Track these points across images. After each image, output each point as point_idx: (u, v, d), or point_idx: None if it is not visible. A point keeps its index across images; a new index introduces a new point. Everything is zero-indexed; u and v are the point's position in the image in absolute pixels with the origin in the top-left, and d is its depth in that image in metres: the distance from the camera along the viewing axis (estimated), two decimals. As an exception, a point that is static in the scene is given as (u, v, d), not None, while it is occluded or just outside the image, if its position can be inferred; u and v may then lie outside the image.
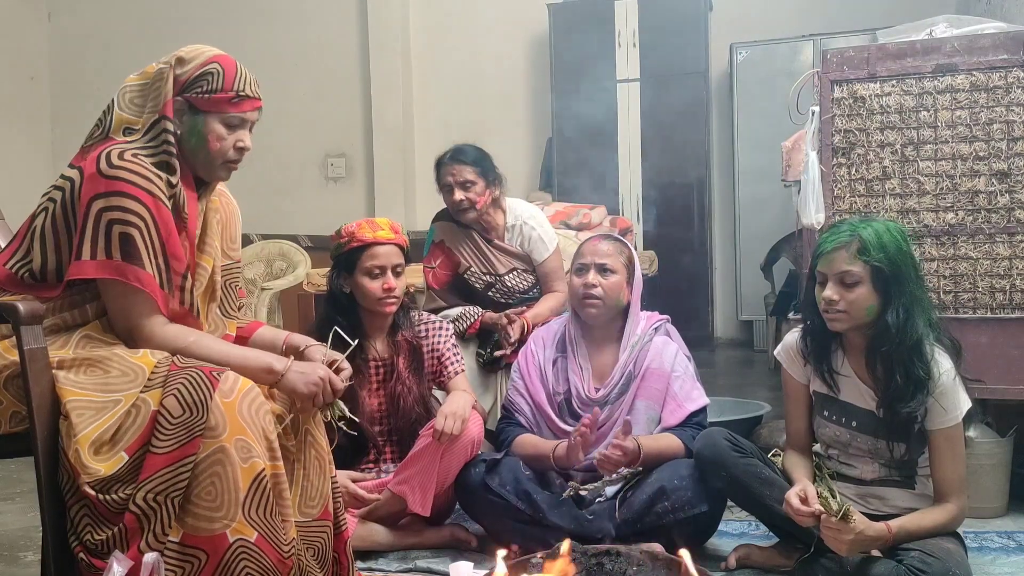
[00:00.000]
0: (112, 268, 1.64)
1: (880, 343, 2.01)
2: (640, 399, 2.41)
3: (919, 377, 1.98)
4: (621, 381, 2.44)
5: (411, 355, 2.55)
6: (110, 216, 1.63)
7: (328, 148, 6.79)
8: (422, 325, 2.62)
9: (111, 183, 1.64)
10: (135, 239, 1.64)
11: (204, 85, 1.74)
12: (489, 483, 2.31)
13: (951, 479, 2.01)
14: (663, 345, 2.47)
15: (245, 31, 6.68)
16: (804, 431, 2.22)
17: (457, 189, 2.98)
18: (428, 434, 2.35)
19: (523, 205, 3.21)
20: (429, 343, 2.60)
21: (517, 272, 3.10)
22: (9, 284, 1.71)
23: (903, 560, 1.91)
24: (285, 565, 1.63)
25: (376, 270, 2.45)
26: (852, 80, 2.66)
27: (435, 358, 2.59)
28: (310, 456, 1.80)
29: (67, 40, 7.18)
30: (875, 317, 2.01)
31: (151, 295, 1.67)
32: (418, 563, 2.32)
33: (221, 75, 1.75)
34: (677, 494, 2.21)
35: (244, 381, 1.64)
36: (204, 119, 1.76)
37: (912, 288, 1.99)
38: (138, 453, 1.56)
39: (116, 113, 1.76)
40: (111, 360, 1.62)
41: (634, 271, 2.49)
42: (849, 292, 1.99)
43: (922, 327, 1.99)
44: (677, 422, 2.37)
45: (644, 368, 2.43)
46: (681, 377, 2.43)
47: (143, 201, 1.65)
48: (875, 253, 1.97)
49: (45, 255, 1.70)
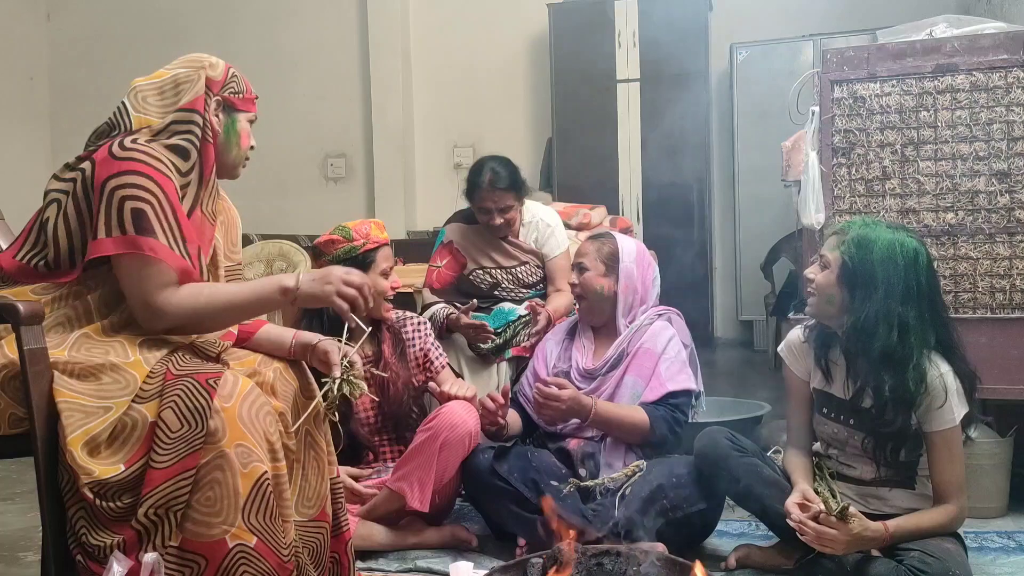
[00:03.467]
0: (126, 242, 1.64)
1: (847, 343, 2.05)
2: (629, 375, 2.51)
3: (887, 394, 1.98)
4: (615, 357, 2.53)
5: (395, 343, 2.65)
6: (122, 193, 1.65)
7: (328, 148, 6.79)
8: (403, 320, 2.72)
9: (123, 163, 1.66)
10: (147, 213, 1.65)
11: (235, 86, 1.86)
12: (497, 468, 2.35)
13: (949, 481, 2.01)
14: (660, 329, 2.56)
15: (245, 31, 6.68)
16: (805, 429, 2.23)
17: (497, 214, 3.05)
18: (426, 429, 2.36)
19: (540, 207, 3.28)
20: (411, 336, 2.70)
21: (528, 266, 3.15)
22: (21, 275, 1.72)
23: (903, 560, 1.91)
24: (285, 569, 1.62)
25: (389, 270, 2.59)
26: (852, 80, 2.66)
27: (421, 351, 2.69)
28: (309, 457, 1.81)
29: (67, 40, 7.17)
30: (837, 310, 2.05)
31: (167, 263, 1.66)
32: (418, 563, 2.32)
33: (240, 78, 1.89)
34: (676, 491, 2.24)
35: (244, 383, 1.63)
36: (236, 118, 1.86)
37: (892, 304, 1.97)
38: (137, 466, 1.55)
39: (134, 116, 1.78)
40: (104, 368, 1.62)
41: (618, 263, 2.58)
42: (820, 274, 2.08)
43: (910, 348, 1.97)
44: (655, 398, 2.46)
45: (637, 347, 2.52)
46: (670, 359, 2.50)
47: (155, 178, 1.67)
48: (849, 248, 2.02)
49: (58, 244, 1.71)
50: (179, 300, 1.68)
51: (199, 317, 1.70)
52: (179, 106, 1.77)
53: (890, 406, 1.99)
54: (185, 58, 1.84)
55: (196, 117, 1.77)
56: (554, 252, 3.15)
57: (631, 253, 2.62)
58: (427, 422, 2.39)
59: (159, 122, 1.76)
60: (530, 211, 3.17)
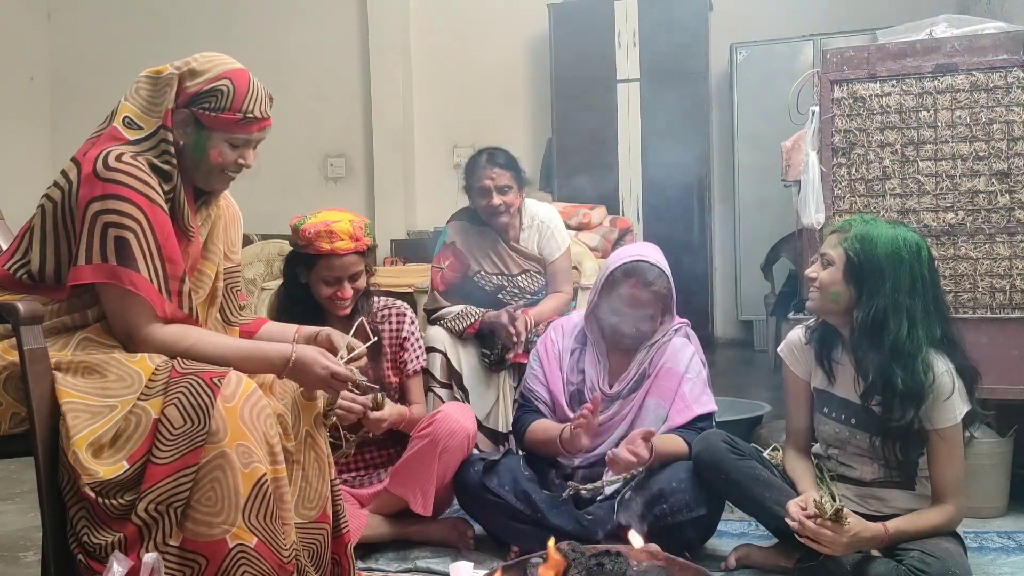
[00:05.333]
0: (107, 272, 1.63)
1: (857, 339, 2.04)
2: (651, 397, 2.41)
3: (900, 387, 1.98)
4: (635, 378, 2.43)
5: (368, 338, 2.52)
6: (105, 219, 1.63)
7: (328, 148, 6.79)
8: (385, 310, 2.57)
9: (107, 186, 1.63)
10: (130, 242, 1.63)
11: (212, 102, 1.71)
12: (487, 483, 2.32)
13: (948, 481, 2.01)
14: (681, 346, 2.46)
15: (245, 31, 6.68)
16: (805, 429, 2.23)
17: (496, 193, 2.98)
18: (422, 435, 2.35)
19: (539, 206, 3.21)
20: (391, 328, 2.56)
21: (530, 274, 3.09)
22: (8, 284, 1.71)
23: (903, 560, 1.91)
24: (285, 570, 1.63)
25: (332, 279, 2.38)
26: (852, 80, 2.66)
27: (396, 344, 2.55)
28: (309, 458, 1.80)
29: (67, 40, 7.18)
30: (843, 307, 2.05)
31: (146, 299, 1.65)
32: (418, 563, 2.32)
33: (231, 94, 1.72)
34: (676, 496, 2.22)
35: (247, 384, 1.63)
36: (209, 135, 1.74)
37: (900, 297, 1.98)
38: (139, 462, 1.55)
39: (122, 102, 1.74)
40: (109, 364, 1.62)
41: (671, 296, 2.42)
42: (823, 272, 2.07)
43: (918, 341, 1.98)
44: (683, 421, 2.37)
45: (659, 367, 2.42)
46: (693, 379, 2.42)
47: (139, 204, 1.64)
48: (854, 243, 2.01)
49: (44, 256, 1.70)
50: (162, 339, 1.68)
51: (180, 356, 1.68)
52: (156, 114, 1.71)
53: (899, 401, 1.99)
54: (201, 55, 1.76)
55: (168, 135, 1.71)
56: (554, 255, 3.09)
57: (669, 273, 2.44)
58: (422, 428, 2.37)
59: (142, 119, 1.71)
60: (529, 213, 3.12)
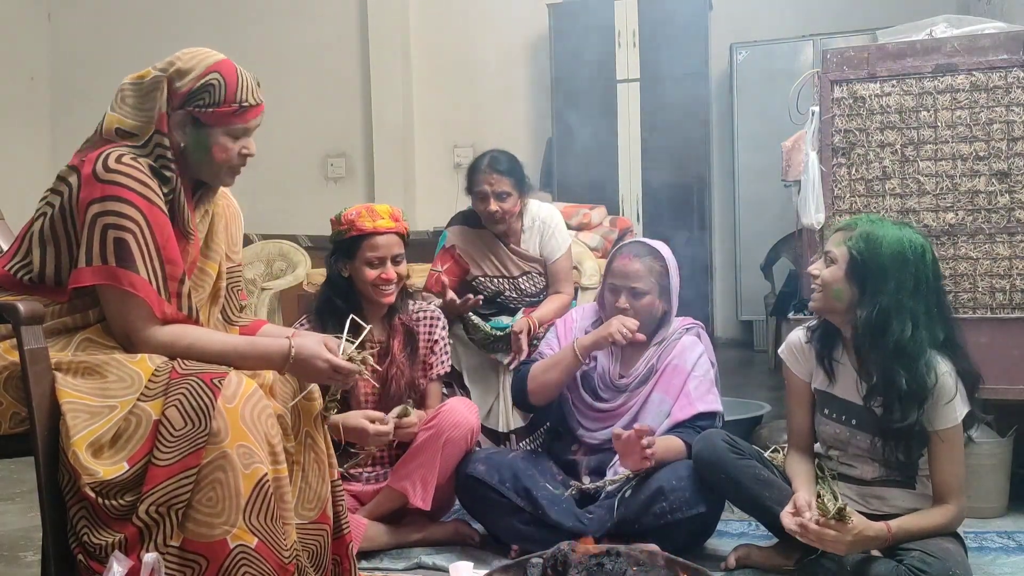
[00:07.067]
0: (106, 273, 1.64)
1: (859, 339, 2.04)
2: (657, 392, 2.45)
3: (903, 388, 1.98)
4: (643, 372, 2.48)
5: (406, 339, 2.55)
6: (105, 221, 1.63)
7: (328, 148, 6.79)
8: (420, 313, 2.62)
9: (107, 187, 1.63)
10: (129, 244, 1.63)
11: (206, 98, 1.71)
12: (488, 480, 2.33)
13: (949, 481, 2.01)
14: (691, 344, 2.49)
15: (245, 31, 6.67)
16: (806, 430, 2.23)
17: (493, 200, 2.96)
18: (427, 428, 2.36)
19: (540, 206, 3.19)
20: (426, 331, 2.59)
21: (530, 276, 3.08)
22: (9, 285, 1.71)
23: (903, 560, 1.91)
24: (286, 570, 1.63)
25: (376, 260, 2.44)
26: (852, 80, 2.66)
27: (429, 347, 2.58)
28: (309, 459, 1.80)
29: (67, 40, 7.17)
30: (846, 306, 2.04)
31: (145, 300, 1.66)
32: (422, 559, 2.32)
33: (222, 87, 1.72)
34: (675, 495, 2.22)
35: (247, 384, 1.63)
36: (208, 132, 1.74)
37: (903, 298, 1.98)
38: (140, 464, 1.55)
39: (108, 115, 1.73)
40: (109, 365, 1.62)
41: (669, 280, 2.48)
42: (826, 270, 2.07)
43: (920, 342, 1.98)
44: (685, 417, 2.39)
45: (667, 363, 2.46)
46: (699, 377, 2.44)
47: (138, 205, 1.64)
48: (858, 242, 2.01)
49: (44, 258, 1.70)
50: (160, 340, 1.68)
51: (179, 356, 1.69)
52: (148, 120, 1.70)
53: (901, 402, 1.99)
54: (182, 53, 1.75)
55: (163, 140, 1.70)
56: (555, 255, 3.08)
57: (675, 265, 2.53)
58: (428, 421, 2.38)
59: (134, 126, 1.71)
60: (531, 213, 3.11)
